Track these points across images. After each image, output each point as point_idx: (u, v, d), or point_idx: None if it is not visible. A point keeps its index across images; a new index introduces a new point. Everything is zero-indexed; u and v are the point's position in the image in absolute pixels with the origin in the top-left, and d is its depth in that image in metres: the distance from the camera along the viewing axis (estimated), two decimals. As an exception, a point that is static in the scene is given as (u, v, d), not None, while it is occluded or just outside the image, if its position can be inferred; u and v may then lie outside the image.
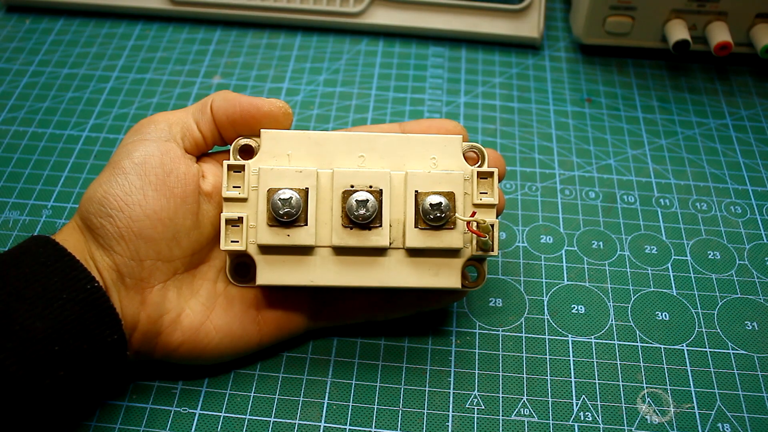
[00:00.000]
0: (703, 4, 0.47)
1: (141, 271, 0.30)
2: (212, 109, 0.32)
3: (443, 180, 0.31)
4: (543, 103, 0.49)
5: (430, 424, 0.33)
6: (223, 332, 0.32)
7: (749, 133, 0.47)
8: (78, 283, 0.27)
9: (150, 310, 0.30)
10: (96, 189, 0.30)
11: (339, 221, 0.30)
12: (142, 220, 0.29)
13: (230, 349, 0.32)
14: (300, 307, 0.34)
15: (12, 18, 0.55)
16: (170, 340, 0.31)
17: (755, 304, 0.38)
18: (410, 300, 0.35)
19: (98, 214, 0.29)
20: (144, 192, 0.29)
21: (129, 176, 0.30)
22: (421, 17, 0.54)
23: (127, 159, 0.30)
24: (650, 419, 0.33)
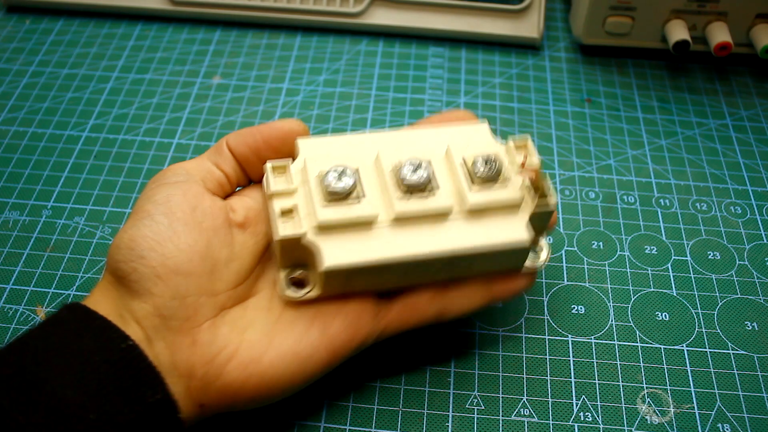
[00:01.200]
0: (703, 4, 0.47)
1: (185, 310, 0.28)
2: (230, 147, 0.31)
3: (484, 147, 0.31)
4: (543, 103, 0.49)
5: (430, 424, 0.33)
6: (290, 357, 0.28)
7: (749, 133, 0.47)
8: (110, 344, 0.26)
9: (203, 351, 0.27)
10: (121, 236, 0.28)
11: (395, 192, 0.29)
12: (177, 255, 0.28)
13: (301, 374, 0.29)
14: (365, 311, 0.30)
15: (12, 18, 0.55)
16: (234, 379, 0.28)
17: (755, 304, 0.38)
18: (479, 286, 0.32)
19: (128, 259, 0.28)
20: (173, 228, 0.28)
21: (154, 216, 0.28)
22: (421, 17, 0.54)
23: (148, 202, 0.29)
24: (650, 419, 0.33)
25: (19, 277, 0.38)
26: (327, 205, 0.29)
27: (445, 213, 0.30)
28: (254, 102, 0.49)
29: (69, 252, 0.39)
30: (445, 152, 0.31)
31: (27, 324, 0.36)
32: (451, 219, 0.30)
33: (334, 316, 0.30)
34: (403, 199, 0.29)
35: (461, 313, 0.32)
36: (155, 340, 0.27)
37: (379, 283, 0.30)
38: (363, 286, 0.30)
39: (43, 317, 0.36)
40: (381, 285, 0.30)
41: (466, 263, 0.30)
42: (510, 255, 0.31)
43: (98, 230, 0.40)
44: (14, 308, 0.37)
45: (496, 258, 0.31)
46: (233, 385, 0.28)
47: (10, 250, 0.39)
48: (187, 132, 0.46)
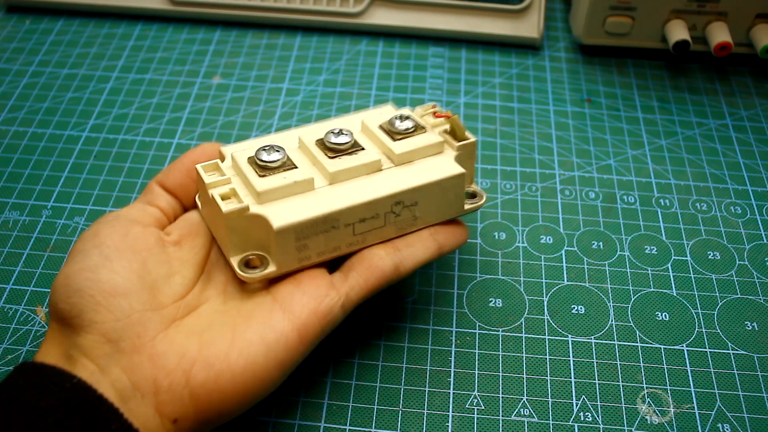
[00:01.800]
0: (703, 4, 0.47)
1: (132, 327, 0.27)
2: (159, 184, 0.33)
3: (397, 112, 0.35)
4: (543, 103, 0.49)
5: (430, 424, 0.33)
6: (257, 346, 0.28)
7: (749, 133, 0.47)
8: (55, 388, 0.25)
9: (162, 361, 0.27)
10: (57, 278, 0.28)
11: (324, 159, 0.32)
12: (112, 278, 0.28)
13: (275, 361, 0.28)
14: (322, 280, 0.30)
15: (12, 18, 0.55)
16: (203, 381, 0.27)
17: (755, 304, 0.38)
18: (426, 236, 0.33)
19: (65, 297, 0.27)
20: (104, 255, 0.28)
21: (85, 251, 0.29)
22: (421, 17, 0.54)
23: (79, 242, 0.29)
24: (650, 419, 0.33)
25: (19, 277, 0.38)
26: (263, 177, 0.30)
27: (377, 166, 0.32)
28: (254, 102, 0.49)
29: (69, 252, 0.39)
30: (361, 124, 0.34)
31: (27, 324, 0.36)
32: (384, 171, 0.32)
33: (292, 295, 0.29)
34: (333, 161, 0.31)
35: (416, 264, 0.32)
36: (110, 368, 0.26)
37: (332, 246, 0.31)
38: (317, 253, 0.30)
39: (43, 317, 0.36)
40: (334, 249, 0.31)
41: (409, 211, 0.32)
42: (447, 192, 0.32)
43: (98, 230, 0.40)
44: (14, 308, 0.37)
45: (435, 198, 0.32)
46: (205, 388, 0.26)
47: (10, 250, 0.39)
48: (187, 132, 0.46)
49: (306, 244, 0.30)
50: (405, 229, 0.32)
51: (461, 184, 0.33)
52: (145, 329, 0.27)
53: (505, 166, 0.45)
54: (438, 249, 0.33)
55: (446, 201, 0.33)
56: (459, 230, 0.34)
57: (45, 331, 0.36)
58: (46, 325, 0.36)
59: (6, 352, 0.35)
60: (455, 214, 0.34)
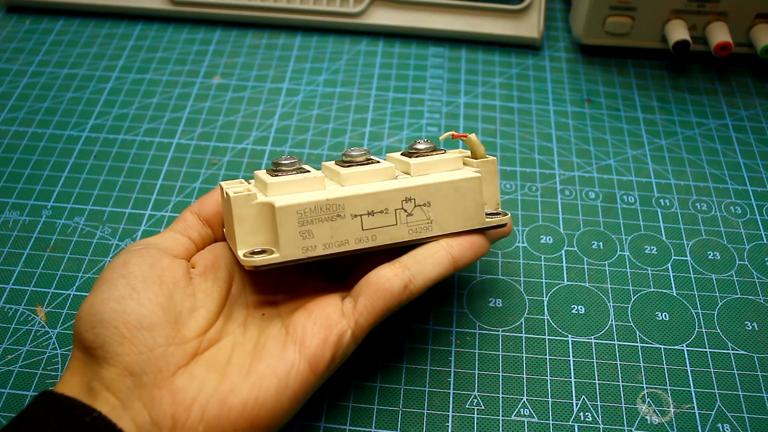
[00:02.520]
0: (703, 4, 0.47)
1: (155, 361, 0.27)
2: (194, 212, 0.33)
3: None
4: (543, 103, 0.49)
5: (430, 424, 0.33)
6: (269, 379, 0.28)
7: (749, 133, 0.47)
8: (75, 421, 0.25)
9: (182, 396, 0.27)
10: (82, 307, 0.28)
11: (339, 167, 0.32)
12: (138, 310, 0.28)
13: (285, 394, 0.28)
14: (333, 309, 0.30)
15: (12, 18, 0.55)
16: (218, 415, 0.27)
17: (755, 304, 0.38)
18: (439, 249, 0.31)
19: (90, 326, 0.27)
20: (131, 286, 0.28)
21: (112, 280, 0.29)
22: (421, 17, 0.54)
23: (107, 270, 0.29)
24: (650, 419, 0.33)
25: (19, 277, 0.38)
26: (275, 176, 0.30)
27: (390, 174, 0.31)
28: (254, 102, 0.49)
29: (69, 252, 0.39)
30: (386, 156, 0.34)
31: (27, 324, 0.36)
32: (398, 177, 0.32)
33: (303, 326, 0.29)
34: (347, 168, 0.31)
35: (427, 281, 0.30)
36: (131, 402, 0.26)
37: (339, 239, 0.30)
38: (323, 244, 0.29)
39: (43, 317, 0.36)
40: (342, 243, 0.30)
41: (422, 211, 0.30)
42: (464, 197, 0.31)
43: (98, 230, 0.40)
44: (14, 308, 0.37)
45: (450, 202, 0.31)
46: (219, 423, 0.27)
47: (10, 250, 0.39)
48: (187, 132, 0.46)
49: (310, 230, 0.29)
50: (420, 234, 0.31)
51: (478, 190, 0.31)
52: (167, 364, 0.27)
53: (505, 166, 0.45)
54: (452, 263, 0.31)
55: (463, 208, 0.31)
56: (476, 241, 0.31)
57: (45, 331, 0.36)
58: (46, 325, 0.36)
59: (6, 352, 0.35)
60: (474, 225, 0.31)
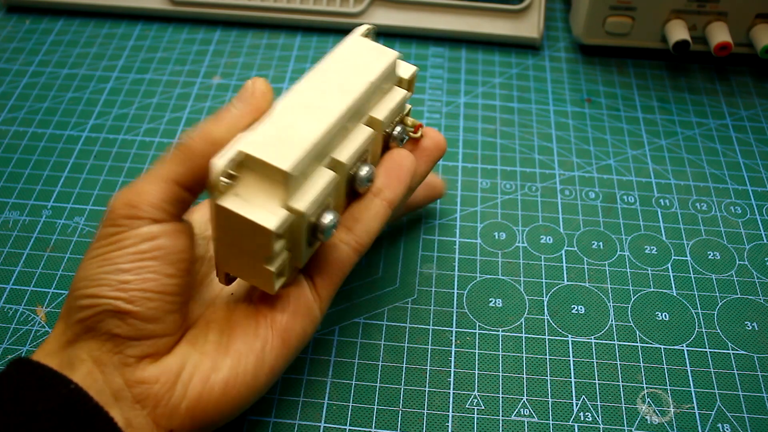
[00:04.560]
0: (703, 4, 0.47)
1: (146, 343, 0.27)
2: (189, 153, 0.28)
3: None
4: (543, 103, 0.49)
5: (430, 424, 0.33)
6: (246, 356, 0.28)
7: (749, 133, 0.47)
8: (53, 392, 0.25)
9: (167, 377, 0.27)
10: (82, 280, 0.27)
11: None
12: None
13: (264, 369, 0.28)
14: (299, 286, 0.30)
15: (12, 18, 0.55)
16: (201, 393, 0.27)
17: (755, 304, 0.38)
18: (370, 199, 0.31)
19: (91, 300, 0.27)
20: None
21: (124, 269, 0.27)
22: (421, 17, 0.54)
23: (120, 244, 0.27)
24: (650, 419, 0.33)
25: (19, 277, 0.38)
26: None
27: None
28: (254, 102, 0.49)
29: (69, 252, 0.39)
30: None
31: (27, 324, 0.36)
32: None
33: (272, 301, 0.29)
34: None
35: (372, 236, 0.30)
36: (113, 378, 0.26)
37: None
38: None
39: (43, 317, 0.36)
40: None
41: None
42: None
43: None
44: (14, 308, 0.37)
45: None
46: (200, 401, 0.27)
47: (10, 250, 0.39)
48: (187, 132, 0.46)
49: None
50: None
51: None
52: (155, 345, 0.27)
53: (505, 166, 0.45)
54: (389, 207, 0.30)
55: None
56: (401, 174, 0.31)
57: (45, 331, 0.36)
58: (46, 325, 0.36)
59: (6, 352, 0.35)
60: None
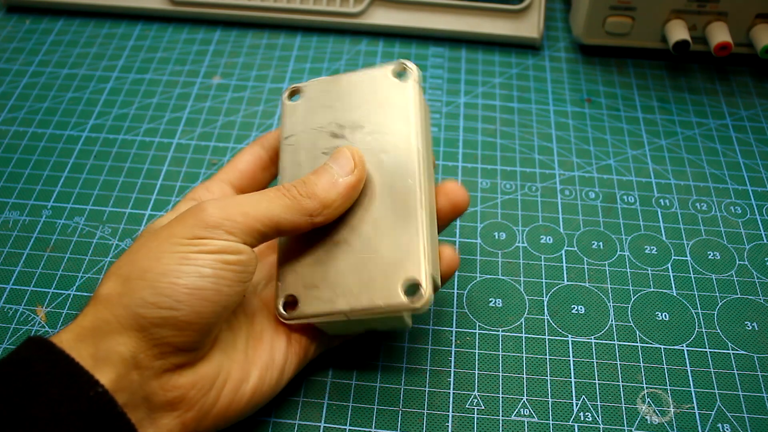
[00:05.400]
0: (703, 4, 0.47)
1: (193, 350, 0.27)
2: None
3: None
4: (543, 103, 0.49)
5: (430, 424, 0.33)
6: (269, 369, 0.30)
7: (749, 133, 0.47)
8: (79, 392, 0.24)
9: (201, 383, 0.27)
10: (152, 278, 0.26)
11: None
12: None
13: (278, 381, 0.30)
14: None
15: (12, 18, 0.55)
16: (229, 402, 0.28)
17: (755, 304, 0.38)
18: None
19: (160, 300, 0.26)
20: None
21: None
22: (421, 17, 0.54)
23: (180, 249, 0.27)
24: (650, 419, 0.33)
25: (19, 277, 0.38)
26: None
27: None
28: (254, 102, 0.49)
29: (69, 252, 0.39)
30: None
31: (27, 324, 0.36)
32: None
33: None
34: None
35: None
36: (150, 382, 0.26)
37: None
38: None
39: (43, 317, 0.36)
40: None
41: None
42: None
43: (98, 230, 0.40)
44: (14, 308, 0.37)
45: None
46: (230, 408, 0.28)
47: (10, 250, 0.39)
48: (187, 132, 0.46)
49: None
50: None
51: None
52: (198, 356, 0.28)
53: (505, 166, 0.45)
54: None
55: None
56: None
57: (45, 331, 0.36)
58: (46, 325, 0.36)
59: (6, 352, 0.35)
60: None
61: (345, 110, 0.33)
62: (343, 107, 0.33)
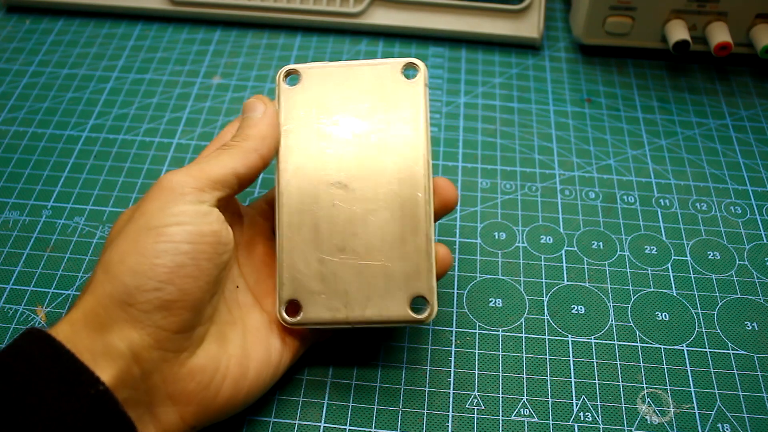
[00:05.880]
0: (703, 4, 0.47)
1: (185, 340, 0.27)
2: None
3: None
4: (543, 103, 0.49)
5: (430, 424, 0.33)
6: (265, 364, 0.30)
7: (749, 133, 0.47)
8: (80, 390, 0.23)
9: (200, 377, 0.28)
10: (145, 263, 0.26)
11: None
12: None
13: (273, 376, 0.31)
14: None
15: (12, 18, 0.55)
16: (228, 397, 0.29)
17: (755, 304, 0.38)
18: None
19: (150, 285, 0.26)
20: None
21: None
22: (421, 17, 0.54)
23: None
24: (650, 419, 0.33)
25: (19, 277, 0.38)
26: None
27: None
28: (254, 102, 0.49)
29: (69, 252, 0.39)
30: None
31: (27, 324, 0.36)
32: None
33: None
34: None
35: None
36: (152, 375, 0.26)
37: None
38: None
39: (43, 317, 0.36)
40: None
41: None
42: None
43: (98, 230, 0.40)
44: (14, 308, 0.37)
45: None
46: (229, 402, 0.29)
47: (10, 250, 0.39)
48: (187, 132, 0.46)
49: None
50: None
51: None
52: (192, 339, 0.28)
53: (505, 166, 0.45)
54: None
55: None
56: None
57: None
58: (46, 325, 0.36)
59: (6, 352, 0.35)
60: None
61: (347, 106, 0.32)
62: (345, 102, 0.32)
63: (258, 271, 0.33)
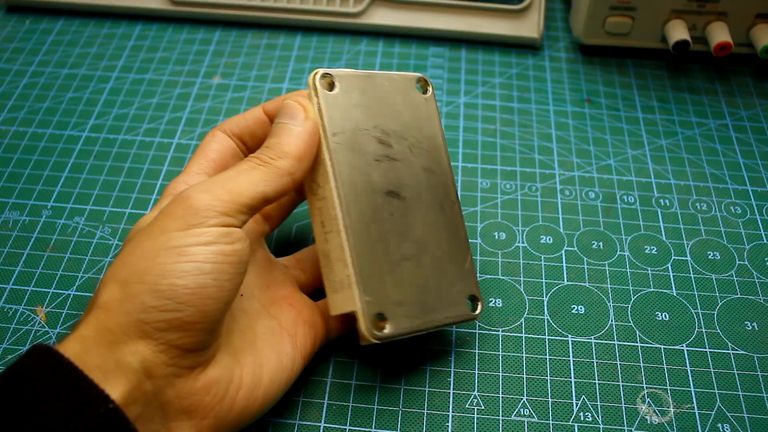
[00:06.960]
0: (703, 4, 0.47)
1: (201, 354, 0.27)
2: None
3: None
4: (543, 103, 0.49)
5: (430, 424, 0.33)
6: (278, 372, 0.30)
7: (749, 133, 0.47)
8: (89, 408, 0.23)
9: (215, 390, 0.27)
10: (151, 281, 0.25)
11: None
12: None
13: (286, 385, 0.31)
14: (316, 310, 0.33)
15: (12, 18, 0.55)
16: (243, 408, 0.28)
17: (755, 304, 0.38)
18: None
19: (164, 299, 0.25)
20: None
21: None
22: (421, 17, 0.54)
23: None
24: (650, 419, 0.33)
25: (19, 277, 0.38)
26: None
27: None
28: (254, 102, 0.49)
29: (69, 252, 0.39)
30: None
31: (27, 324, 0.36)
32: None
33: (296, 324, 0.32)
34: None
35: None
36: (165, 390, 0.26)
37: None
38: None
39: (43, 317, 0.36)
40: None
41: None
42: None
43: (98, 230, 0.40)
44: (14, 308, 0.37)
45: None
46: (243, 413, 0.28)
47: (10, 250, 0.39)
48: (187, 132, 0.46)
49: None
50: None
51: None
52: (206, 355, 0.27)
53: (505, 166, 0.45)
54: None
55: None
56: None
57: (45, 331, 0.36)
58: (46, 325, 0.36)
59: (6, 352, 0.35)
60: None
61: (384, 116, 0.32)
62: (381, 112, 0.32)
63: (259, 278, 0.33)
